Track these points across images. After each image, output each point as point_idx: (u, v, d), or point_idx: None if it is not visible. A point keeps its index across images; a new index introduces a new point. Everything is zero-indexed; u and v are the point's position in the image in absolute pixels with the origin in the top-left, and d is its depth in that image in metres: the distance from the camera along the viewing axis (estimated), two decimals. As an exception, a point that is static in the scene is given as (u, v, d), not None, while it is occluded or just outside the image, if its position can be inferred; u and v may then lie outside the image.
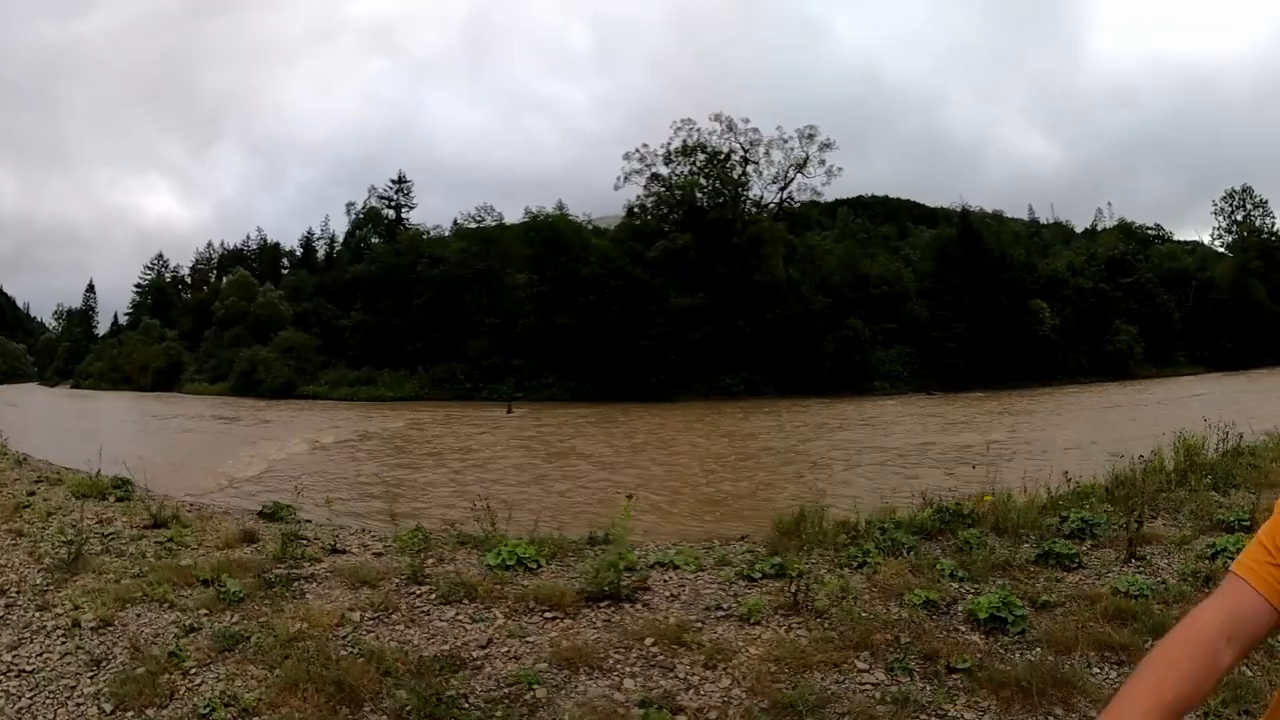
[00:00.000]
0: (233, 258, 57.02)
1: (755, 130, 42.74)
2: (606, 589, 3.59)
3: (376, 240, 45.31)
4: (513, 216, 43.48)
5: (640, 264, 37.04)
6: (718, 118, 42.84)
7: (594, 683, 2.80)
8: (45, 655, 2.93)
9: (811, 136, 42.34)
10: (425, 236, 42.52)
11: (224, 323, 43.89)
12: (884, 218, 70.80)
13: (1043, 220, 71.65)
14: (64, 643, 3.03)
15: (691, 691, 2.73)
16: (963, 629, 3.21)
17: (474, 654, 3.04)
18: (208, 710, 2.48)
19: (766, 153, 43.06)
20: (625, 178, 43.58)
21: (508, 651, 3.07)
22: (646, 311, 35.54)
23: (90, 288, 71.70)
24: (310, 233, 55.66)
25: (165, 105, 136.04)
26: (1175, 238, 65.40)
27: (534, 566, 4.15)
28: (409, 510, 8.13)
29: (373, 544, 5.02)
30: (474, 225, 41.42)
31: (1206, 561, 3.83)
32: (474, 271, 38.48)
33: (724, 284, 37.80)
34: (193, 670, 2.80)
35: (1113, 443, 8.96)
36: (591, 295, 35.31)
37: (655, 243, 38.19)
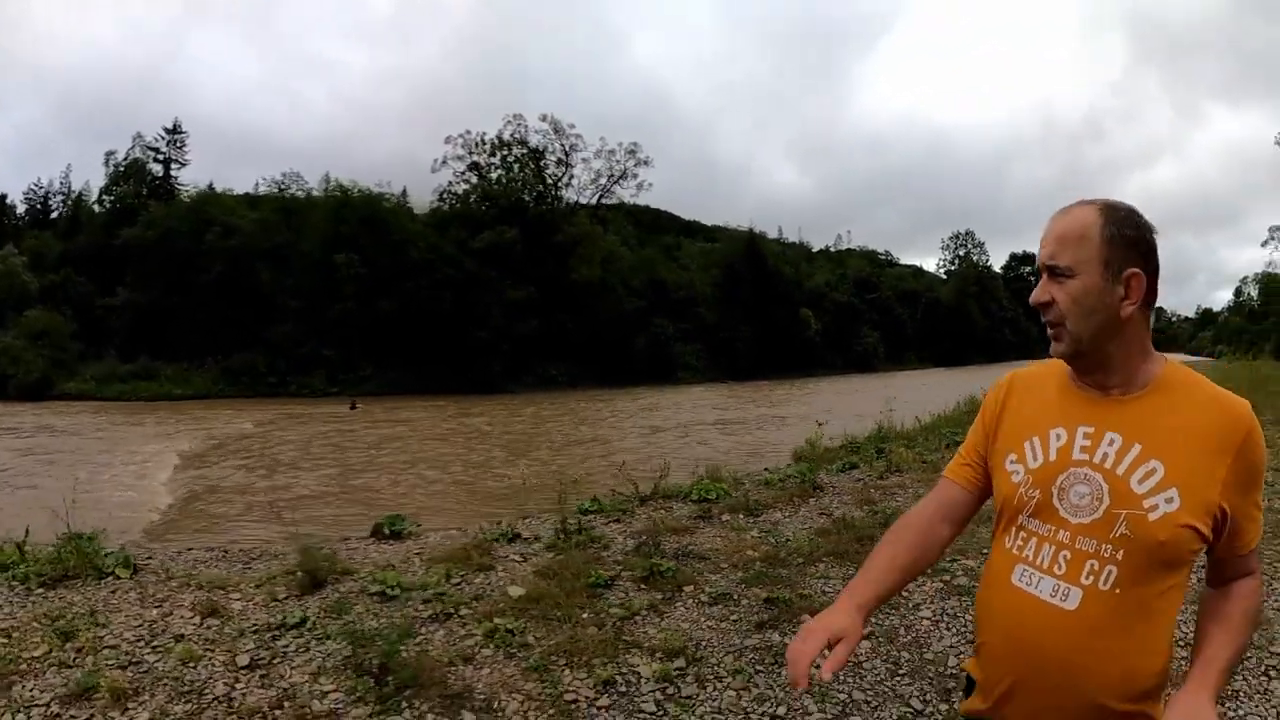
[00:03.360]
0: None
1: (579, 136, 44.62)
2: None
3: (140, 200, 37.37)
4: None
5: (468, 253, 36.16)
6: (545, 118, 44.03)
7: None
8: None
9: (633, 152, 45.41)
10: (222, 196, 36.45)
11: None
12: (652, 228, 76.98)
13: (789, 239, 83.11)
14: None
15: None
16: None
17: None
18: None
19: (585, 159, 45.28)
20: (443, 161, 42.91)
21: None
22: (481, 302, 34.73)
23: None
24: (39, 185, 44.42)
25: None
26: (902, 261, 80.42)
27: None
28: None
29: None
30: (277, 192, 36.78)
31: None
32: (274, 246, 33.92)
33: (547, 280, 38.90)
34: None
35: (848, 415, 12.01)
36: (421, 282, 33.60)
37: (480, 233, 37.70)
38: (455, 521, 6.32)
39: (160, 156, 39.39)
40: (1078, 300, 1.04)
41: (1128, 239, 1.04)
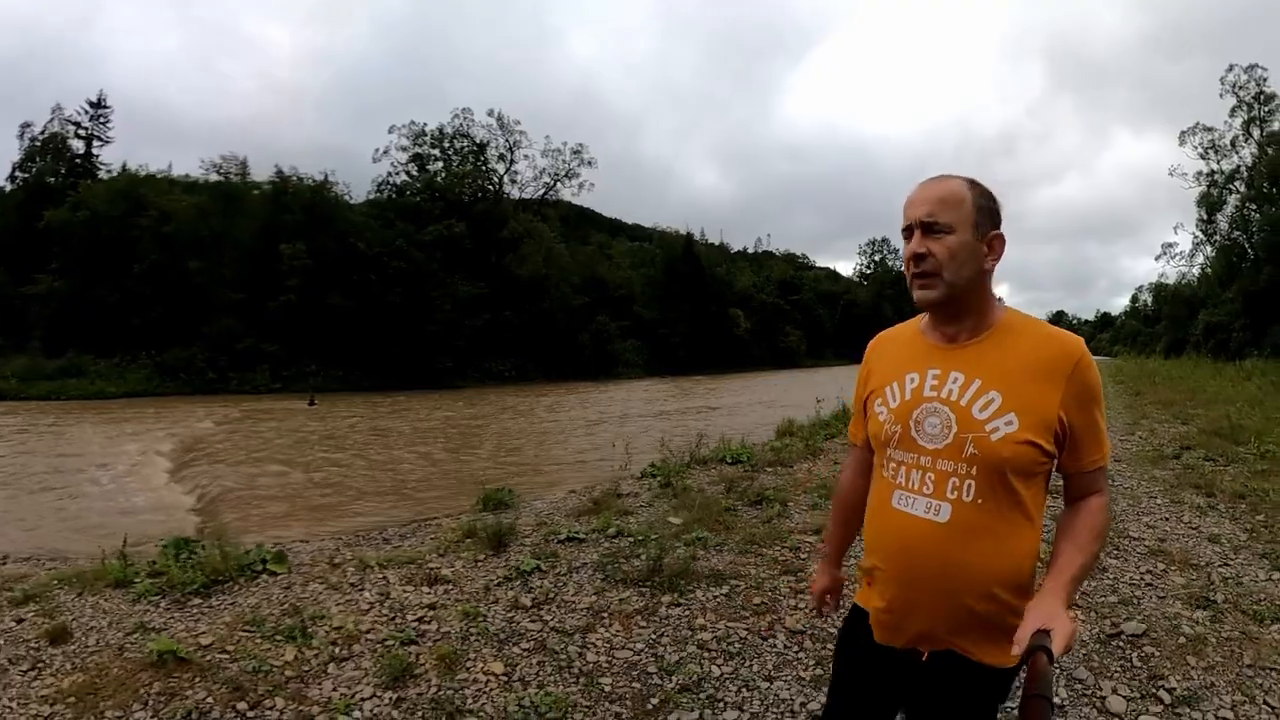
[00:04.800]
0: None
1: (524, 133, 45.09)
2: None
3: (60, 178, 34.40)
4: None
5: (417, 246, 35.81)
6: (491, 113, 44.46)
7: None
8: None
9: (578, 152, 46.35)
10: (156, 178, 33.89)
11: None
12: (576, 226, 78.00)
13: (711, 240, 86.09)
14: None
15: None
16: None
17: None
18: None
19: (528, 156, 45.90)
20: (384, 151, 42.42)
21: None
22: (432, 297, 34.48)
23: None
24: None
25: None
26: (818, 264, 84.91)
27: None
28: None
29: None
30: (216, 177, 34.69)
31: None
32: (213, 234, 32.25)
33: (492, 274, 39.26)
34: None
35: (790, 402, 13.75)
36: (372, 275, 33.08)
37: (425, 226, 37.47)
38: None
39: (82, 132, 36.44)
40: (955, 253, 1.19)
41: (989, 209, 1.22)
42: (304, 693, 2.78)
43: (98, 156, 36.63)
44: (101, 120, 36.75)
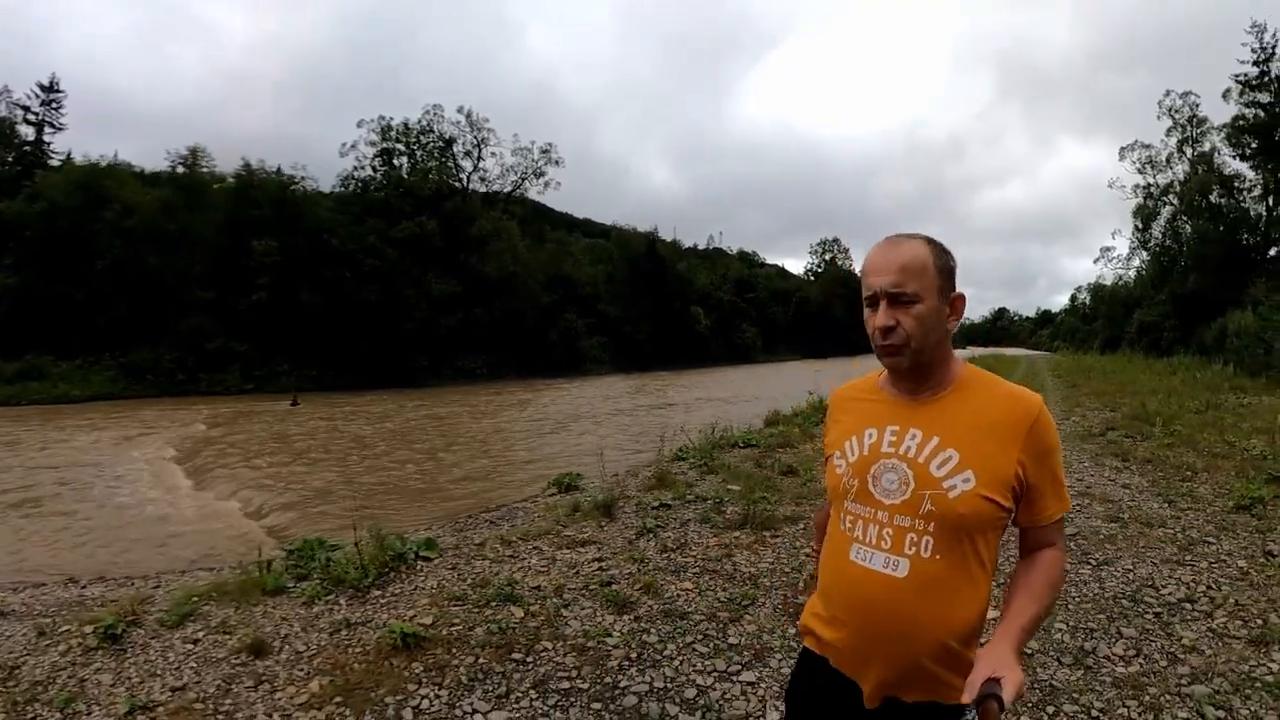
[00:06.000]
0: None
1: (492, 130, 44.91)
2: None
3: (8, 166, 32.29)
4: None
5: (389, 243, 35.30)
6: (461, 109, 44.47)
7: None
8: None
9: (546, 151, 46.48)
10: (118, 169, 32.30)
11: None
12: (531, 222, 77.74)
13: (664, 238, 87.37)
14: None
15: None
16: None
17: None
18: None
19: (495, 153, 45.74)
20: (352, 145, 41.67)
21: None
22: (406, 294, 34.19)
23: None
24: None
25: None
26: (768, 262, 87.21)
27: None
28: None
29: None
30: (181, 170, 33.30)
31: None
32: (180, 229, 31.11)
33: (463, 272, 39.10)
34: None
35: (759, 395, 14.62)
36: (346, 272, 32.55)
37: (395, 223, 36.98)
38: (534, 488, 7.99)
39: (32, 117, 34.33)
40: (923, 321, 1.20)
41: (949, 269, 1.24)
42: (560, 632, 3.31)
43: (49, 144, 34.83)
44: (54, 105, 34.82)
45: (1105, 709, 2.71)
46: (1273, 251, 30.45)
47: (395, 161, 42.46)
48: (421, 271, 35.94)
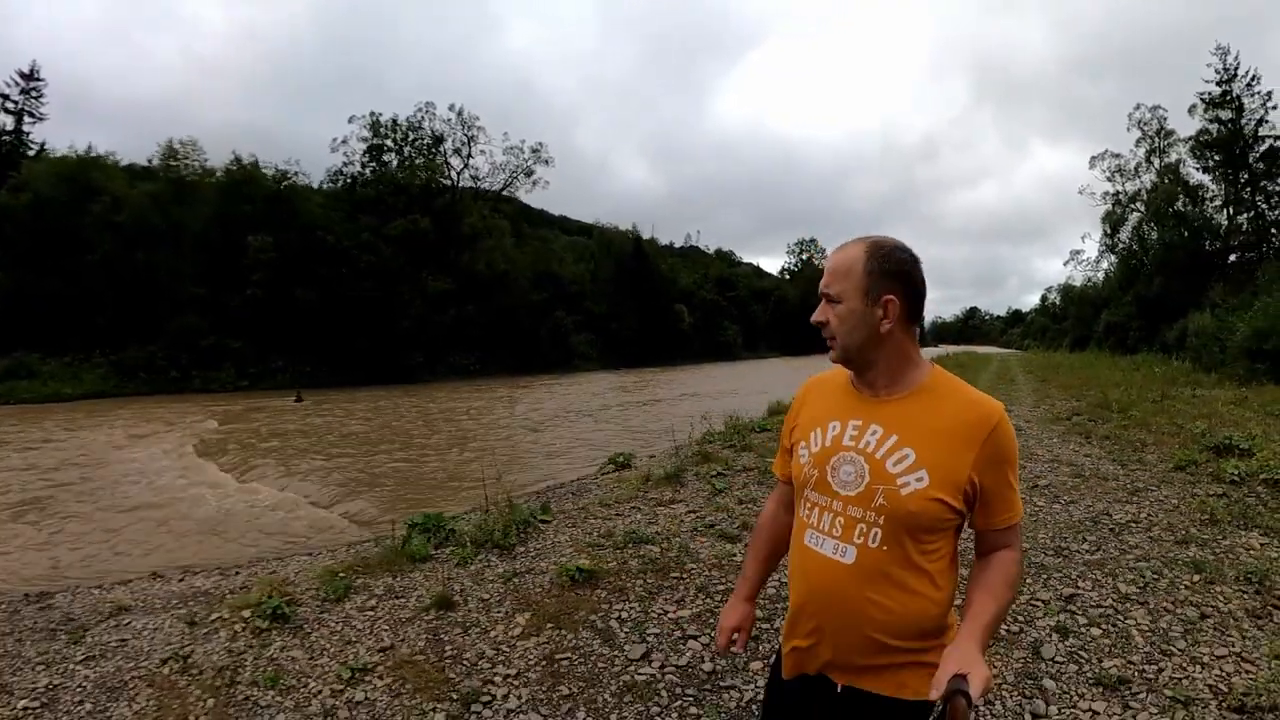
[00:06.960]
0: None
1: (482, 128, 45.01)
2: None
3: None
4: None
5: (384, 240, 35.28)
6: (453, 107, 44.20)
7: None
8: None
9: (537, 150, 46.65)
10: (107, 162, 31.48)
11: None
12: (511, 219, 77.77)
13: (642, 236, 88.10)
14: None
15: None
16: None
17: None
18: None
19: (484, 151, 45.85)
20: (343, 141, 41.57)
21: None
22: (401, 292, 34.24)
23: None
24: None
25: None
26: (744, 260, 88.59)
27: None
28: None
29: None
30: (172, 163, 32.59)
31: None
32: (171, 225, 30.58)
33: (455, 269, 39.31)
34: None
35: (750, 389, 15.39)
36: (343, 269, 32.46)
37: (390, 219, 37.01)
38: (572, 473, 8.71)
39: (11, 106, 33.20)
40: (843, 320, 1.29)
41: (886, 271, 1.27)
42: (697, 557, 4.20)
43: (29, 134, 33.81)
44: (34, 94, 33.76)
45: (1080, 575, 3.88)
46: (1232, 258, 32.42)
47: (384, 158, 42.39)
48: (416, 269, 35.99)
